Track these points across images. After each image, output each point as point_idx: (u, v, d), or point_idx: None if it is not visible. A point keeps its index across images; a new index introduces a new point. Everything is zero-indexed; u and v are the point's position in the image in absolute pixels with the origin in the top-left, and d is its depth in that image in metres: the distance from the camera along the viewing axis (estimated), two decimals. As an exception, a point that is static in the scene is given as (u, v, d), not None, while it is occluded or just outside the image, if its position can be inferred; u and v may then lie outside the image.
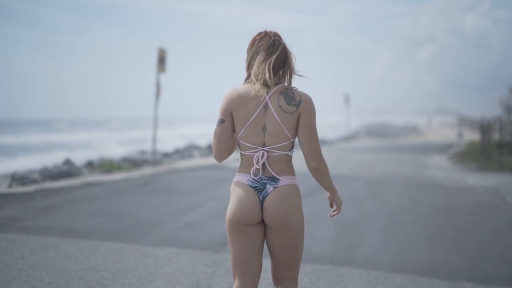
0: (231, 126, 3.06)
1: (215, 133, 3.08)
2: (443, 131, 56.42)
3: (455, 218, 8.83)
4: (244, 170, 3.07)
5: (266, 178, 3.04)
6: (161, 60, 16.58)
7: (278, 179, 3.03)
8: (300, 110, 3.04)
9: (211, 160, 18.90)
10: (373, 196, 11.03)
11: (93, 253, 5.83)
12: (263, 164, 3.02)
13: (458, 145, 29.34)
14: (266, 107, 3.03)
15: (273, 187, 3.03)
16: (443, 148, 27.75)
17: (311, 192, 10.99)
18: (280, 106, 3.02)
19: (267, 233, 3.10)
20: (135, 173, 13.90)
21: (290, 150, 3.08)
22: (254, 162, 3.02)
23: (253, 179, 3.04)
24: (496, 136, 23.56)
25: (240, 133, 3.04)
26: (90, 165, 15.63)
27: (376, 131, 50.92)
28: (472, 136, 37.87)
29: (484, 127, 22.17)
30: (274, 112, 3.02)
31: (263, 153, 3.01)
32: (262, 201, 3.04)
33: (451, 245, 7.03)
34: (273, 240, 3.08)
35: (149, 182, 12.00)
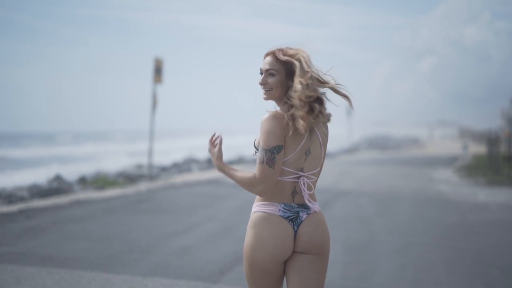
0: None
1: (272, 163, 2.74)
2: (445, 143, 55.83)
3: (472, 240, 8.15)
4: (273, 198, 2.81)
5: (297, 206, 2.83)
6: (158, 71, 15.96)
7: (309, 206, 2.85)
8: (328, 132, 2.98)
9: (210, 175, 18.23)
10: (382, 214, 10.34)
11: (73, 286, 5.13)
12: (295, 190, 2.82)
13: (463, 158, 28.68)
14: (311, 129, 2.86)
15: (307, 214, 2.84)
16: (448, 161, 27.09)
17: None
18: (323, 130, 2.93)
19: (300, 265, 2.82)
20: (130, 189, 13.22)
21: (317, 176, 2.94)
22: (303, 189, 2.80)
23: (284, 208, 2.81)
24: (502, 149, 22.89)
25: (287, 158, 2.81)
26: (82, 180, 14.93)
27: (377, 143, 50.32)
28: (476, 148, 37.25)
29: (492, 140, 21.50)
30: (319, 135, 2.89)
31: (303, 179, 2.82)
32: (296, 231, 2.82)
33: (473, 271, 6.34)
34: (306, 270, 2.81)
35: (143, 200, 11.30)
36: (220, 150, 2.94)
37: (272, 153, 2.74)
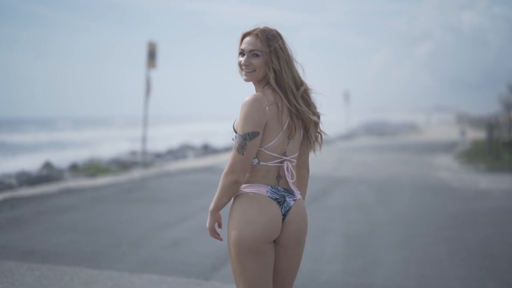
0: (261, 139, 2.71)
1: (242, 149, 2.65)
2: (443, 129, 55.47)
3: (477, 229, 7.81)
4: (259, 180, 2.74)
5: (283, 189, 2.76)
6: (151, 55, 15.51)
7: (293, 191, 2.80)
8: None
9: (205, 162, 17.86)
10: (382, 203, 9.99)
11: (54, 284, 4.76)
12: (280, 175, 2.77)
13: (462, 144, 28.34)
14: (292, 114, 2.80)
15: (293, 200, 2.78)
16: (447, 147, 26.75)
17: (315, 199, 9.94)
18: None
19: (278, 254, 2.77)
20: (122, 177, 12.83)
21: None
22: (287, 174, 2.74)
23: (271, 190, 2.73)
24: (501, 134, 22.54)
25: (271, 143, 2.73)
26: (74, 168, 14.52)
27: (375, 129, 49.99)
28: (473, 134, 36.93)
29: (492, 125, 21.15)
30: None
31: (287, 163, 2.76)
32: (284, 216, 2.74)
33: (481, 265, 6.00)
34: (284, 261, 2.78)
35: (135, 188, 10.92)
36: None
37: (244, 139, 2.66)
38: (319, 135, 2.89)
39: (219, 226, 2.84)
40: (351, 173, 14.78)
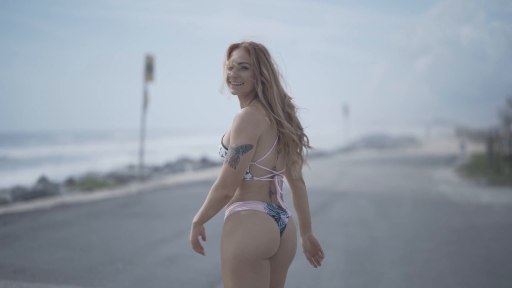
0: (254, 153, 2.67)
1: (234, 163, 2.58)
2: (442, 142, 55.36)
3: (480, 245, 7.64)
4: (254, 197, 2.68)
5: (276, 206, 2.73)
6: (149, 68, 15.41)
7: (285, 208, 2.76)
8: None
9: (204, 175, 17.70)
10: (383, 217, 9.82)
11: (44, 304, 4.59)
12: (271, 191, 2.72)
13: (462, 157, 28.21)
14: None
15: (286, 217, 2.75)
16: (447, 161, 26.61)
17: (314, 213, 9.77)
18: None
19: (271, 271, 2.74)
20: (119, 191, 12.66)
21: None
22: (278, 188, 2.71)
23: (267, 207, 2.70)
24: (501, 148, 22.40)
25: (264, 157, 2.68)
26: (70, 182, 14.34)
27: (374, 142, 49.90)
28: (473, 147, 36.81)
29: (493, 139, 21.02)
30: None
31: (278, 178, 2.73)
32: (280, 233, 2.72)
33: (486, 282, 5.83)
34: (276, 276, 2.76)
35: (131, 202, 10.75)
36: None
37: (237, 152, 2.59)
38: (300, 156, 2.81)
39: (204, 239, 2.77)
40: (351, 186, 14.62)
